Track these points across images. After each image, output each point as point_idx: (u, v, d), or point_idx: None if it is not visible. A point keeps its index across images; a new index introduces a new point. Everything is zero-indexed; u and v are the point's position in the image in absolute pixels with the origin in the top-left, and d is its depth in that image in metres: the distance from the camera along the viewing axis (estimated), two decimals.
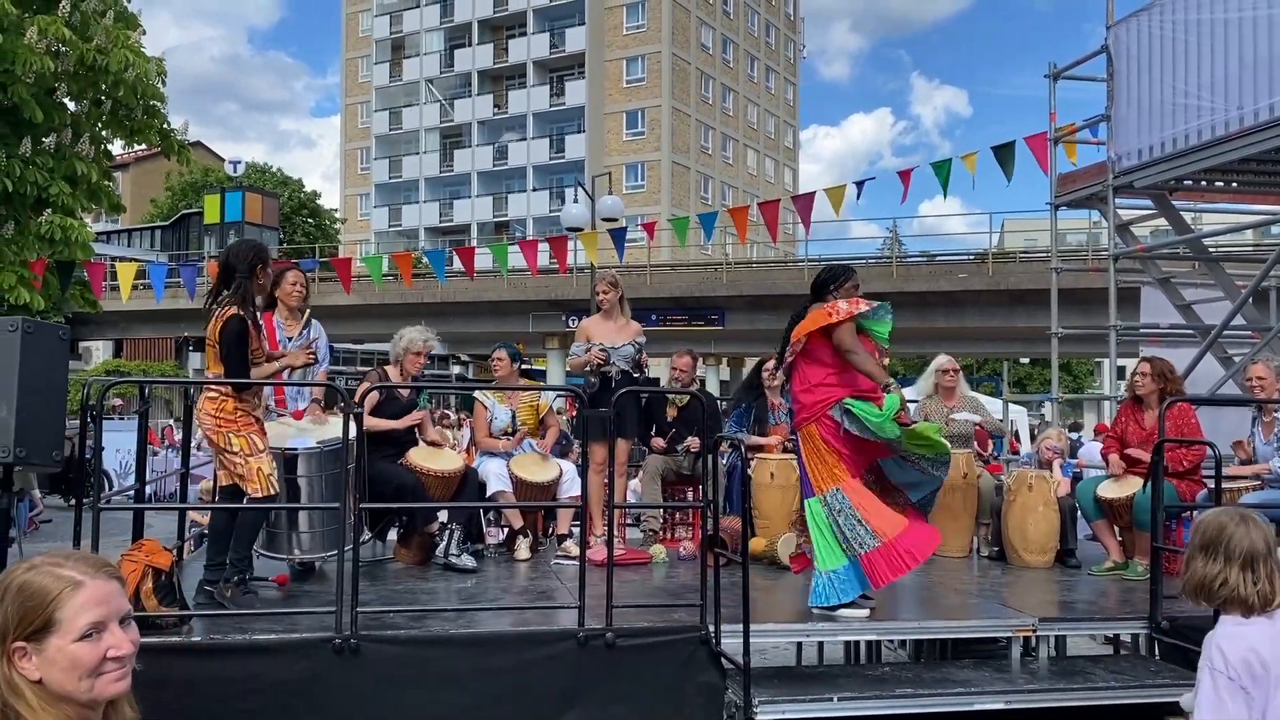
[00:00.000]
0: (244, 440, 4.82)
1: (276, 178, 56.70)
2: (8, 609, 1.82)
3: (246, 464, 4.81)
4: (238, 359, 4.82)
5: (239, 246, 5.12)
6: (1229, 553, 2.77)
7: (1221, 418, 8.25)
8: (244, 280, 4.91)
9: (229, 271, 4.97)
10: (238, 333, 4.82)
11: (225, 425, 4.81)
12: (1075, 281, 17.51)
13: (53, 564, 1.88)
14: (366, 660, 4.43)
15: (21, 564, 1.91)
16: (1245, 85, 7.31)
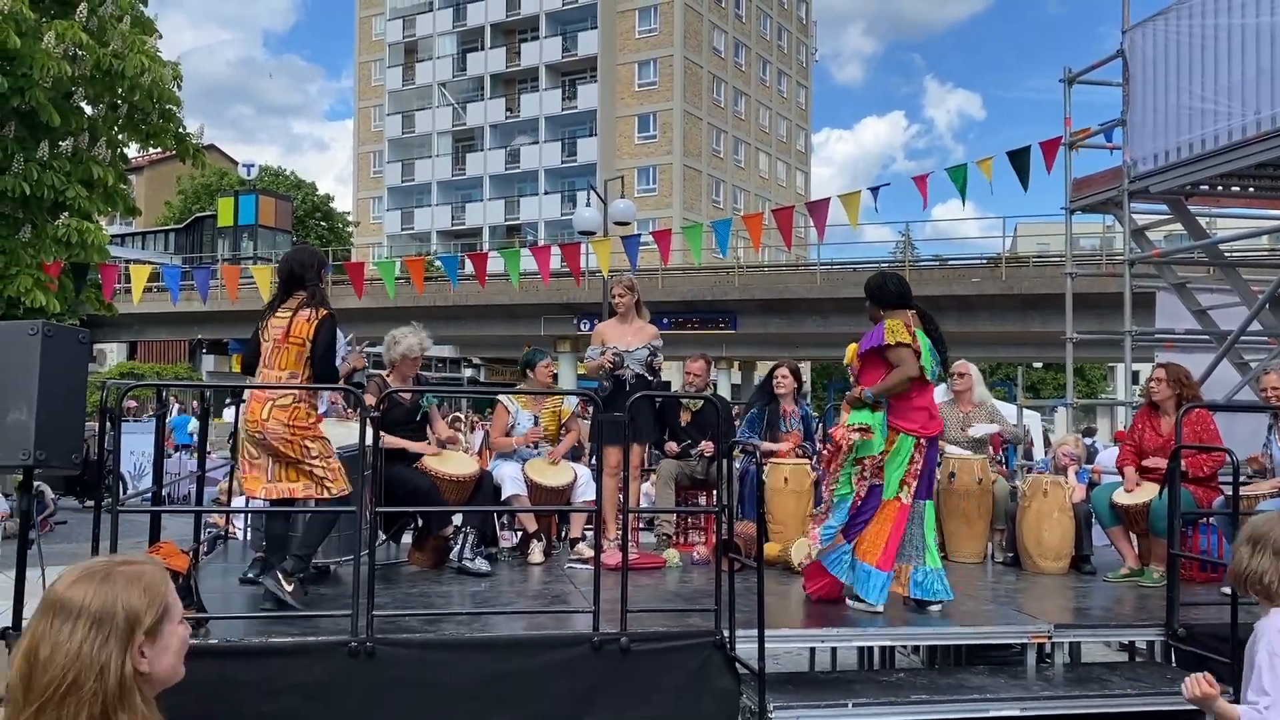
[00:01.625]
0: (320, 443, 4.90)
1: (290, 181, 56.97)
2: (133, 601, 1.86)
3: (327, 465, 4.89)
4: (329, 359, 4.95)
5: (302, 253, 5.22)
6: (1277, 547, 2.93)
7: (1238, 424, 8.19)
8: (316, 285, 5.04)
9: (295, 277, 5.04)
10: (331, 333, 4.95)
11: (300, 433, 4.85)
12: (1089, 286, 17.44)
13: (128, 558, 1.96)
14: (382, 664, 4.44)
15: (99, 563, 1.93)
16: (1262, 90, 7.27)
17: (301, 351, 4.92)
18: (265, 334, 5.06)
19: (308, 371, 4.94)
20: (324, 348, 4.92)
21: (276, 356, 4.97)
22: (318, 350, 4.91)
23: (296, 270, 5.04)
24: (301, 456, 4.87)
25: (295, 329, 4.93)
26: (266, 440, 4.86)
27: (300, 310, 4.95)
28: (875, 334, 5.34)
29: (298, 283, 5.03)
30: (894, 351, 5.27)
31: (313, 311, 4.94)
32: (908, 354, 5.28)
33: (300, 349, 4.92)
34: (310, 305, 4.96)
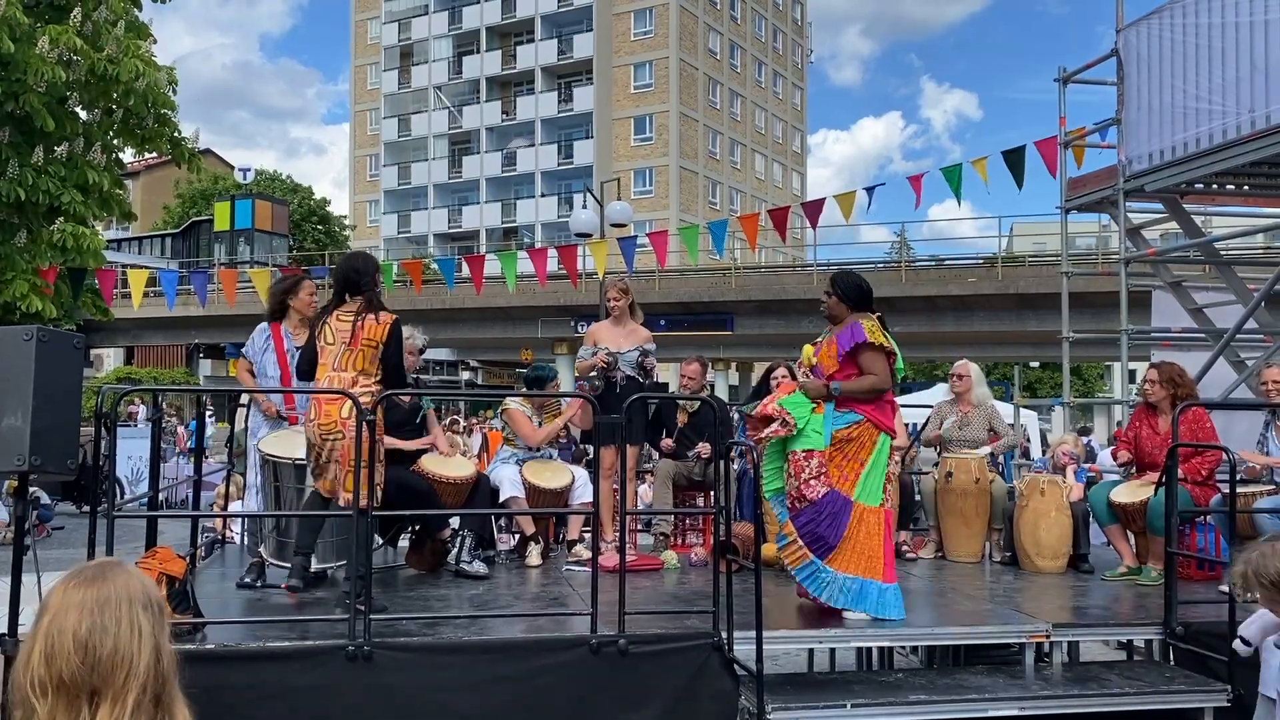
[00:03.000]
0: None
1: (286, 185, 56.92)
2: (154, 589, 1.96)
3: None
4: (400, 362, 5.10)
5: (357, 258, 5.32)
6: None
7: (1235, 422, 8.20)
8: (373, 290, 5.13)
9: (352, 282, 5.12)
10: (400, 337, 5.09)
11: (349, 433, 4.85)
12: (1086, 285, 17.49)
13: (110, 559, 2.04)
14: (379, 667, 4.43)
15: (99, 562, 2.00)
16: (1256, 88, 7.28)
17: (374, 354, 5.01)
18: (326, 337, 5.09)
19: (380, 373, 5.04)
20: (399, 350, 5.05)
21: (348, 358, 5.01)
22: (393, 352, 5.04)
23: (352, 275, 5.13)
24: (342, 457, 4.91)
25: (367, 331, 5.02)
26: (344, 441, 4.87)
27: (367, 314, 5.05)
28: (855, 332, 5.18)
29: (354, 287, 5.12)
30: (871, 353, 5.18)
31: (383, 314, 5.07)
32: (881, 359, 5.19)
33: (374, 351, 5.01)
34: (375, 309, 5.07)
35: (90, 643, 1.83)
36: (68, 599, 1.88)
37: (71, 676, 1.81)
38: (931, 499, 7.34)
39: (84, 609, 1.86)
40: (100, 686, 1.82)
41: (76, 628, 1.84)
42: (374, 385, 4.98)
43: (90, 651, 1.82)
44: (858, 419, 5.17)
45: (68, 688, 1.82)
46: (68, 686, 1.82)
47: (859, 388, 5.15)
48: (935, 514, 7.32)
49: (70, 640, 1.83)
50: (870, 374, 5.15)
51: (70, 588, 1.90)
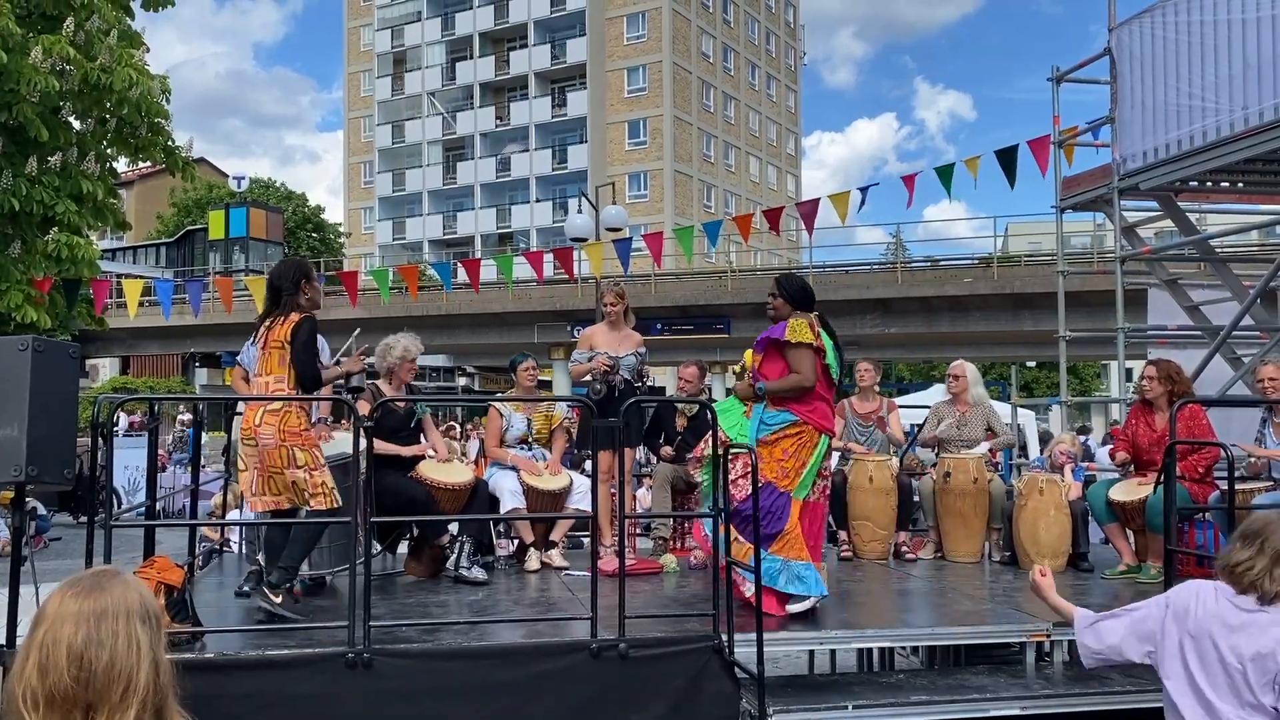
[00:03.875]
0: (309, 454, 4.87)
1: (280, 193, 56.90)
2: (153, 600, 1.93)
3: (312, 478, 4.86)
4: (308, 361, 4.94)
5: (280, 265, 5.26)
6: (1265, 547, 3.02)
7: (1232, 419, 8.21)
8: (289, 297, 5.04)
9: (275, 289, 5.09)
10: (309, 335, 4.95)
11: (290, 439, 4.84)
12: (1081, 284, 17.52)
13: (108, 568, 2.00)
14: (380, 674, 4.42)
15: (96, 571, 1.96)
16: (1249, 85, 7.30)
17: (283, 354, 4.94)
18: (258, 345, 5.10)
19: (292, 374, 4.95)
20: (302, 348, 4.92)
21: (264, 363, 5.01)
22: (296, 351, 4.91)
23: (275, 283, 5.11)
24: (286, 464, 4.85)
25: (274, 334, 4.97)
26: (258, 447, 4.85)
27: (278, 316, 5.01)
28: (777, 329, 5.35)
29: (276, 294, 5.09)
30: (795, 351, 5.26)
31: (292, 315, 5.00)
32: (808, 357, 5.26)
33: (282, 352, 4.94)
34: (286, 311, 5.01)
35: (86, 656, 1.79)
36: (64, 609, 1.84)
37: (65, 691, 1.77)
38: (930, 499, 7.34)
39: (80, 620, 1.82)
40: (96, 702, 1.78)
41: (72, 639, 1.80)
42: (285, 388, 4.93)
43: (85, 665, 1.78)
44: (793, 419, 5.26)
45: (60, 702, 1.77)
46: (60, 701, 1.77)
47: (782, 386, 5.27)
48: (934, 514, 7.32)
49: (65, 652, 1.79)
50: (794, 372, 5.25)
51: (67, 597, 1.86)
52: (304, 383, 4.95)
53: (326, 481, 4.88)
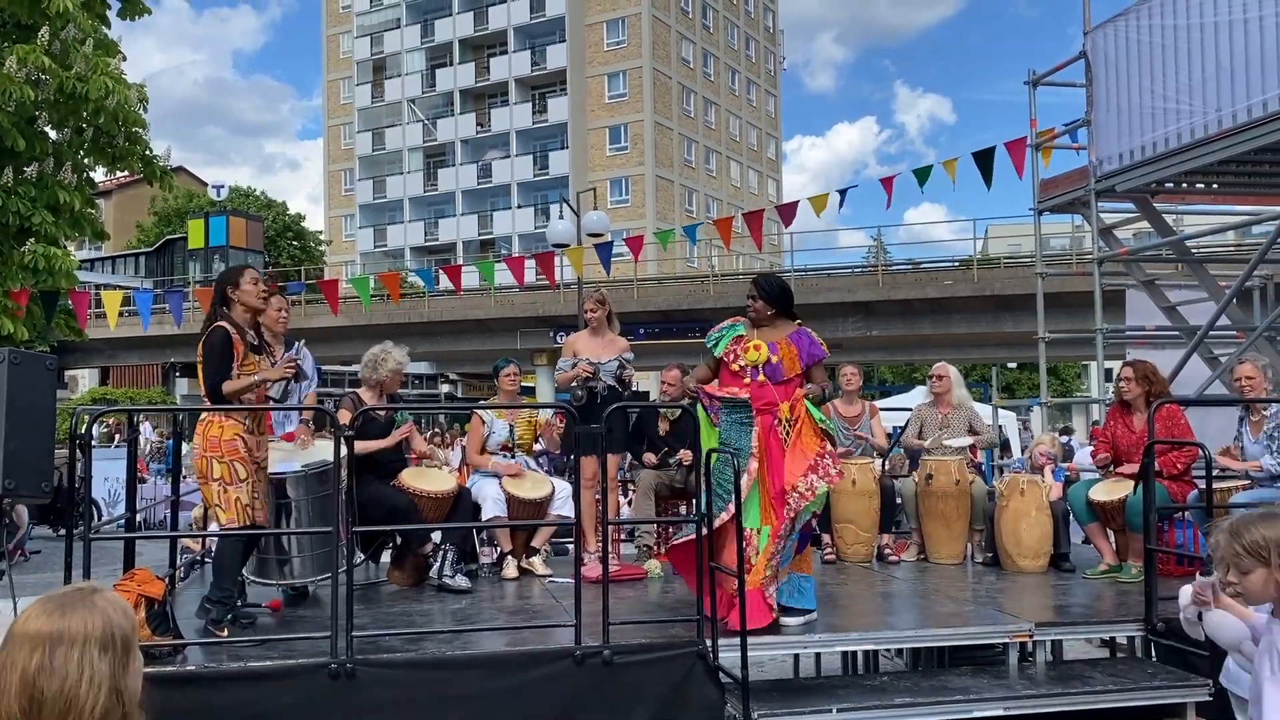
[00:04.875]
0: (226, 468, 4.80)
1: (260, 201, 56.66)
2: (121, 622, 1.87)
3: (225, 493, 4.78)
4: (213, 370, 4.85)
5: (221, 275, 5.22)
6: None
7: (1210, 418, 8.29)
8: (216, 308, 5.00)
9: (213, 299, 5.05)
10: (218, 344, 4.86)
11: (210, 450, 4.80)
12: (1061, 286, 17.60)
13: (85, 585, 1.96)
14: (363, 685, 4.40)
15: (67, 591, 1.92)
16: (1223, 88, 7.37)
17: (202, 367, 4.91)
18: None
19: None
20: (208, 360, 4.86)
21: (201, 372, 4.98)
22: (204, 362, 4.88)
23: (216, 291, 5.08)
24: (204, 474, 4.82)
25: (200, 347, 4.94)
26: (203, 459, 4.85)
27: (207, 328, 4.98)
28: (815, 345, 5.34)
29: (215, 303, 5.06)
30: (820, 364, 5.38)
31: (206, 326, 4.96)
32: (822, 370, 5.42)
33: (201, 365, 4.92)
34: (211, 320, 4.97)
35: (37, 683, 1.76)
36: (26, 630, 1.81)
37: (13, 717, 1.75)
38: (912, 502, 7.36)
39: (36, 645, 1.78)
40: None
41: (26, 664, 1.77)
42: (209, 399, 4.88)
43: (35, 693, 1.75)
44: None
45: None
46: None
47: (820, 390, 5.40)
48: (916, 517, 7.35)
49: (18, 678, 1.76)
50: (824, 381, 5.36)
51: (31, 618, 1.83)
52: (210, 392, 4.87)
53: (240, 498, 4.79)
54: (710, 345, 5.49)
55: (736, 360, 5.34)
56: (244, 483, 4.82)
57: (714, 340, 5.47)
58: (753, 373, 5.31)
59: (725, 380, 5.41)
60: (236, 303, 5.02)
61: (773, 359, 5.34)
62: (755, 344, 5.34)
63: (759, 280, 5.61)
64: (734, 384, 5.31)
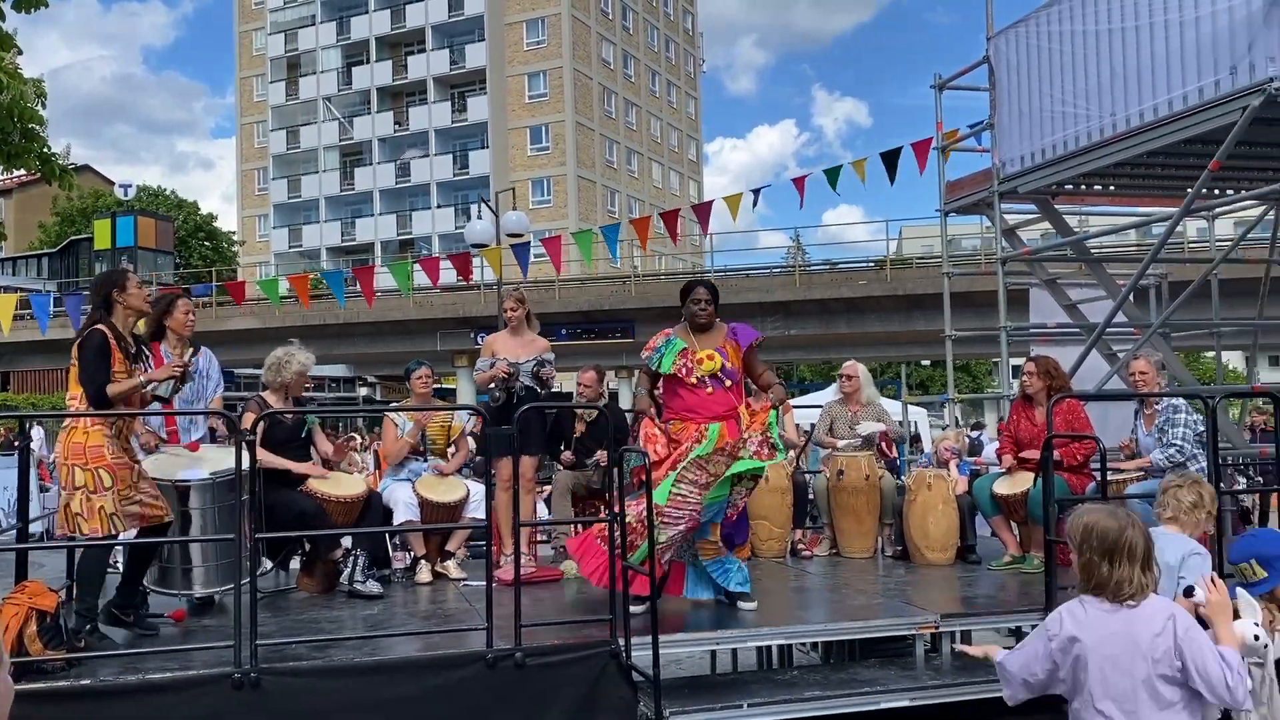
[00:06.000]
0: (89, 475, 4.63)
1: (171, 201, 55.04)
2: None
3: (89, 501, 4.60)
4: (93, 374, 4.69)
5: (96, 278, 5.07)
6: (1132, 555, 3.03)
7: (1111, 412, 8.57)
8: (98, 311, 4.84)
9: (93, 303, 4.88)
10: (96, 348, 4.71)
11: (73, 458, 4.64)
12: (970, 285, 18.04)
13: None
14: (268, 694, 4.32)
15: None
16: (1116, 93, 7.63)
17: (76, 371, 4.75)
18: None
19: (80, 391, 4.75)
20: (85, 367, 4.70)
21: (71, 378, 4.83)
22: (81, 368, 4.72)
23: (92, 294, 4.92)
24: (66, 482, 4.67)
25: (76, 350, 4.78)
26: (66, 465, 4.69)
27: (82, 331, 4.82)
28: (748, 329, 5.54)
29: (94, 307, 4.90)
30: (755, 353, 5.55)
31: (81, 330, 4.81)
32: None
33: (74, 367, 4.76)
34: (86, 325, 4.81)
35: None
36: None
37: None
38: (824, 497, 7.48)
39: None
40: None
41: None
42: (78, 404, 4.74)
43: None
44: None
45: None
46: None
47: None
48: (829, 512, 7.47)
49: None
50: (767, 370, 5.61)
51: None
52: (89, 397, 4.71)
53: (105, 507, 4.62)
54: (654, 365, 5.49)
55: (691, 374, 5.39)
56: (109, 491, 4.64)
57: (657, 359, 5.49)
58: (714, 382, 5.39)
59: (674, 395, 5.45)
60: (121, 307, 4.87)
61: (726, 364, 5.42)
62: (707, 354, 5.41)
63: (709, 283, 5.70)
64: (690, 398, 5.39)
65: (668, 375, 5.45)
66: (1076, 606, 3.08)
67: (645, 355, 5.55)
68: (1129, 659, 2.95)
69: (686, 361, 5.40)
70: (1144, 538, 3.03)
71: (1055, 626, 3.11)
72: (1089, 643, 3.00)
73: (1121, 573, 2.97)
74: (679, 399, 5.43)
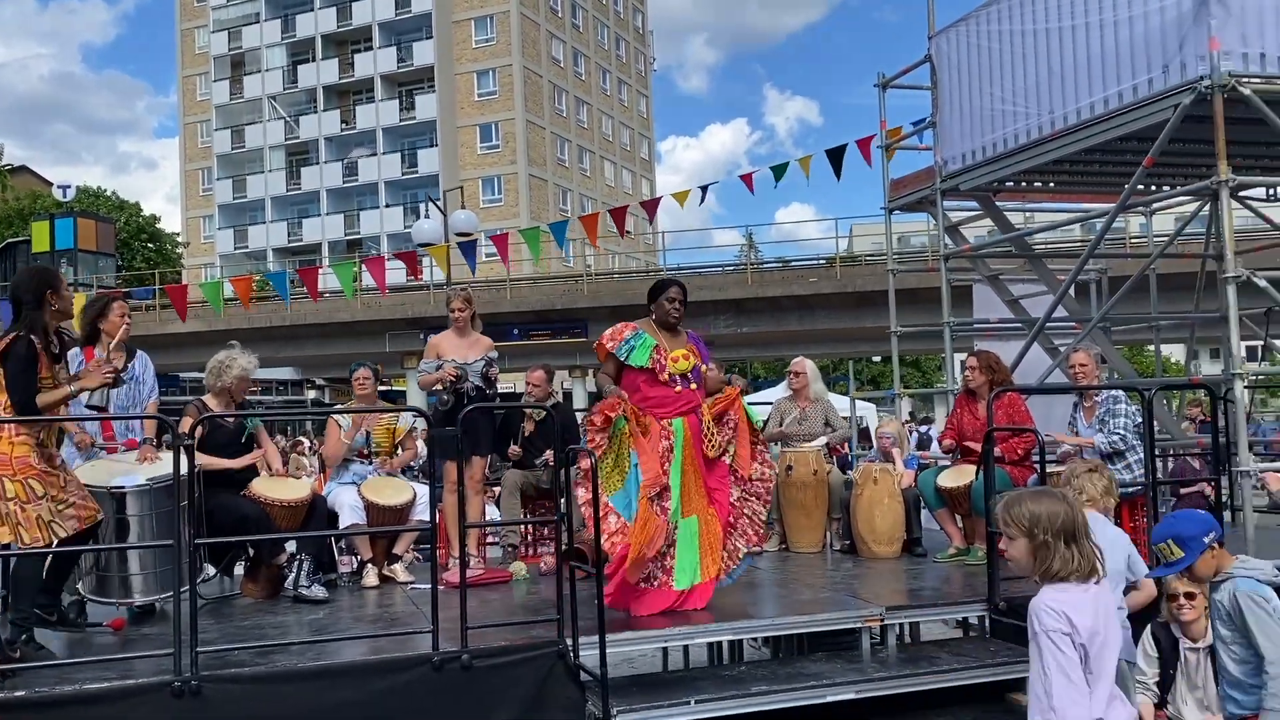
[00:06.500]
0: (19, 486, 4.51)
1: (112, 201, 53.92)
2: None
3: (24, 512, 4.48)
4: (21, 384, 4.56)
5: (23, 275, 4.87)
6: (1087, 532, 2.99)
7: (1055, 406, 8.71)
8: (30, 311, 4.69)
9: (16, 302, 4.72)
10: (23, 356, 4.58)
11: (1, 470, 4.52)
12: (918, 282, 18.26)
13: None
14: (210, 702, 4.25)
15: None
16: (1055, 91, 7.76)
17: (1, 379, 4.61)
18: None
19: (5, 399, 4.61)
20: (11, 374, 4.56)
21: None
22: (10, 376, 4.58)
23: (15, 294, 4.73)
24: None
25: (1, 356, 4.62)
26: None
27: (10, 334, 4.66)
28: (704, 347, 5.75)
29: (19, 309, 4.72)
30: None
31: (4, 336, 4.66)
32: None
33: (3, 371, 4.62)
34: (12, 330, 4.67)
35: None
36: None
37: None
38: (774, 493, 7.51)
39: None
40: None
41: None
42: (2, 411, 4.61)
43: None
44: None
45: None
46: None
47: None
48: (778, 507, 7.51)
49: None
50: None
51: None
52: (16, 405, 4.57)
53: (42, 515, 4.52)
54: (623, 357, 5.44)
55: (663, 371, 5.43)
56: (43, 500, 4.54)
57: (626, 350, 5.44)
58: (683, 381, 5.46)
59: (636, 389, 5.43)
60: (53, 309, 4.74)
61: (690, 363, 5.52)
62: (681, 354, 5.48)
63: (683, 284, 5.73)
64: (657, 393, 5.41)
65: (636, 369, 5.43)
66: (1062, 595, 2.92)
67: (610, 345, 5.45)
68: (1109, 632, 2.94)
69: (660, 358, 5.43)
70: (1082, 512, 3.04)
71: (1064, 624, 2.87)
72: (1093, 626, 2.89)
73: (1086, 550, 2.95)
74: (641, 393, 5.42)
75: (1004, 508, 3.02)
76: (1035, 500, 2.99)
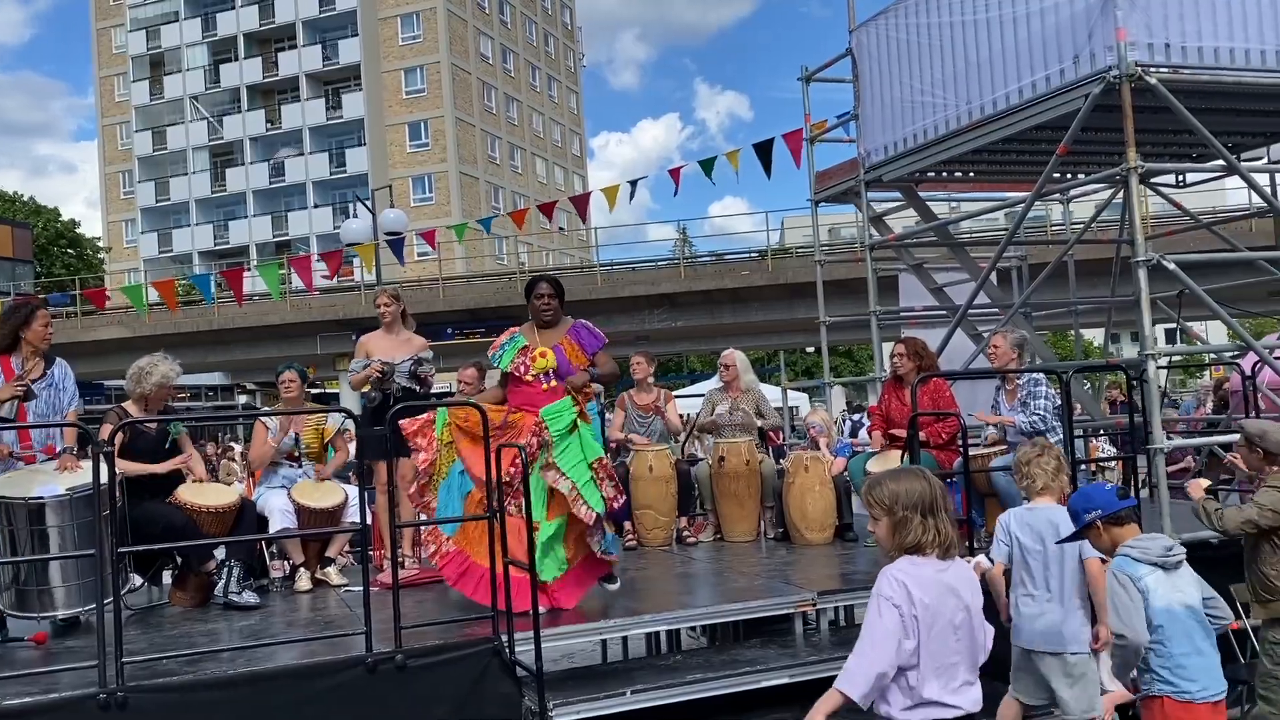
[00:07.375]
0: None
1: (28, 206, 52.30)
2: None
3: None
4: None
5: None
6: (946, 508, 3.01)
7: (980, 391, 8.91)
8: None
9: None
10: None
11: None
12: (848, 273, 18.49)
13: None
14: (136, 713, 4.20)
15: None
16: (971, 82, 7.93)
17: None
18: None
19: None
20: None
21: None
22: None
23: None
24: None
25: None
26: None
27: None
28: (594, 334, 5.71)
29: None
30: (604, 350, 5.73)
31: None
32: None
33: None
34: None
35: None
36: None
37: None
38: (707, 484, 7.60)
39: None
40: None
41: None
42: None
43: None
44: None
45: None
46: None
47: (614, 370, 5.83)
48: (712, 498, 7.59)
49: None
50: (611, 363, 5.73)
51: None
52: None
53: None
54: (496, 363, 5.63)
55: (527, 372, 5.49)
56: None
57: (498, 357, 5.63)
58: (545, 379, 5.48)
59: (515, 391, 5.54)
60: None
61: (560, 363, 5.54)
62: (540, 352, 5.52)
63: (554, 279, 5.82)
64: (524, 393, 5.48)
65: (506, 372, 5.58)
66: (912, 569, 2.93)
67: (490, 354, 5.69)
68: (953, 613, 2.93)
69: (524, 359, 5.53)
70: (945, 492, 3.06)
71: (899, 595, 2.89)
72: (933, 604, 2.90)
73: (943, 526, 2.98)
74: (514, 394, 5.56)
75: (867, 489, 3.04)
76: (895, 480, 3.01)
